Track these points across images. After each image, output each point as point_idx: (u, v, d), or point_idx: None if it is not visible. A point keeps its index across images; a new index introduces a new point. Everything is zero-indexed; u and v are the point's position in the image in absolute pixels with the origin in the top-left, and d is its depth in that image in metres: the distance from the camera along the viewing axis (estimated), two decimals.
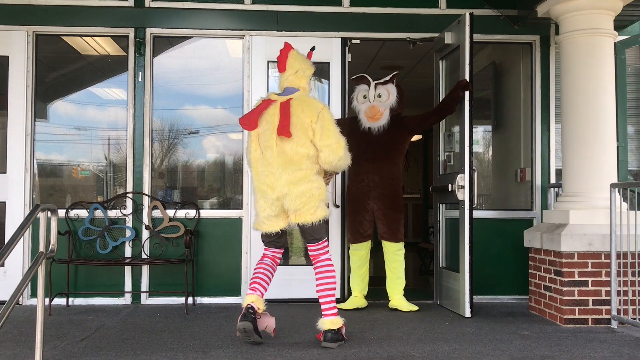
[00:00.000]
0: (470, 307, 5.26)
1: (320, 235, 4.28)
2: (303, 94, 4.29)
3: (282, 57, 4.38)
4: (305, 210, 4.12)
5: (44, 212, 3.70)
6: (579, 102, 5.19)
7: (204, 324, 4.99)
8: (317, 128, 4.11)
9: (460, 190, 5.33)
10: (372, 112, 5.59)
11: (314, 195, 4.12)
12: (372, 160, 5.61)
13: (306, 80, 4.37)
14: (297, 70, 4.34)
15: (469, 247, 5.25)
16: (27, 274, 3.56)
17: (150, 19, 6.13)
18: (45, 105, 6.30)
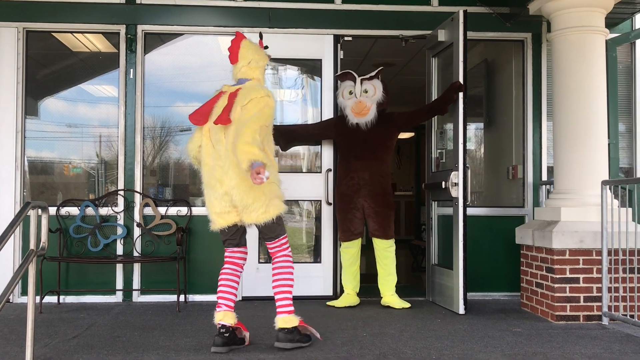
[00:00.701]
0: (464, 304, 5.27)
1: (277, 233, 4.07)
2: (254, 83, 4.07)
3: (233, 48, 4.14)
4: (256, 207, 3.89)
5: (34, 210, 3.69)
6: (571, 100, 5.21)
7: (196, 321, 4.98)
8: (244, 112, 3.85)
9: (454, 188, 5.33)
10: (358, 108, 5.59)
11: (265, 192, 3.88)
12: (361, 157, 5.62)
13: (260, 71, 4.15)
14: (249, 61, 4.11)
15: (463, 245, 5.26)
16: (17, 272, 3.54)
17: (142, 16, 6.10)
18: (36, 102, 6.26)
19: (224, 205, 3.98)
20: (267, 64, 4.23)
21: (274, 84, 6.40)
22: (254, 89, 3.95)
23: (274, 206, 3.94)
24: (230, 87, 4.10)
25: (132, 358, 3.81)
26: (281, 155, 6.34)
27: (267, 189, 3.89)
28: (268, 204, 3.90)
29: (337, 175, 5.83)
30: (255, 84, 4.07)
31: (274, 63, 6.34)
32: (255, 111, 3.85)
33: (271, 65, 6.33)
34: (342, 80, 5.79)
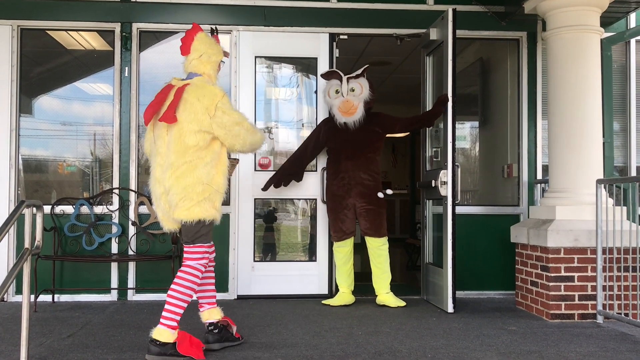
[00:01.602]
0: (453, 303, 5.27)
1: (193, 238, 3.80)
2: (202, 79, 3.91)
3: (186, 39, 3.98)
4: (182, 205, 3.72)
5: (29, 208, 3.66)
6: (566, 99, 5.22)
7: (191, 320, 4.95)
8: (220, 122, 3.74)
9: (443, 186, 5.34)
10: (346, 107, 5.58)
11: (196, 192, 3.71)
12: (352, 157, 5.62)
13: (211, 66, 3.97)
14: (201, 54, 3.94)
15: (452, 243, 5.26)
16: (12, 271, 3.52)
17: (137, 14, 6.08)
18: (30, 101, 6.24)
19: (163, 206, 3.84)
20: (221, 60, 4.07)
21: (269, 83, 6.39)
22: (208, 90, 3.80)
23: (200, 208, 3.73)
24: (179, 81, 3.95)
25: (127, 357, 3.81)
26: (276, 154, 6.33)
27: (200, 189, 3.72)
28: (195, 204, 3.72)
29: (327, 176, 5.82)
30: (205, 80, 3.92)
31: (269, 61, 6.33)
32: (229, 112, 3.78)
33: (266, 64, 6.32)
34: (328, 79, 5.77)
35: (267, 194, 6.09)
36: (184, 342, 3.73)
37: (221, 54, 4.06)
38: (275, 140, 6.38)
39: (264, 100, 6.32)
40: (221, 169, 3.85)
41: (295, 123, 6.45)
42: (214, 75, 4.01)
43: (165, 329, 3.70)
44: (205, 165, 3.76)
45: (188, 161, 3.73)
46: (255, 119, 6.15)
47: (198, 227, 3.77)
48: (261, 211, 6.28)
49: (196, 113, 3.72)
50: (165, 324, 3.71)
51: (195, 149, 3.74)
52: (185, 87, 3.82)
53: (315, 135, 5.84)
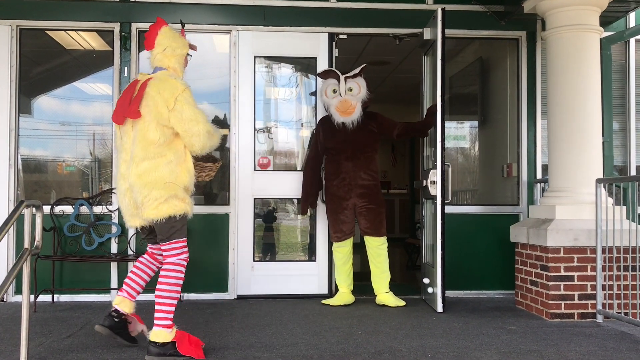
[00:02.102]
0: (443, 302, 5.27)
1: (169, 235, 3.76)
2: (167, 73, 3.86)
3: (150, 34, 3.94)
4: (148, 204, 3.68)
5: (28, 208, 3.66)
6: (565, 98, 5.22)
7: (191, 320, 4.97)
8: (177, 116, 3.68)
9: (433, 186, 5.33)
10: (344, 107, 5.57)
11: (160, 189, 3.67)
12: (351, 158, 5.62)
13: (176, 60, 3.92)
14: (165, 48, 3.90)
15: (441, 243, 5.25)
16: (11, 271, 3.52)
17: (136, 13, 6.08)
18: (29, 101, 6.23)
19: (127, 202, 3.83)
20: (187, 53, 4.02)
21: (269, 82, 6.39)
22: (169, 84, 3.76)
23: (168, 205, 3.70)
24: (144, 76, 3.93)
25: (126, 357, 3.81)
26: (275, 154, 6.33)
27: (162, 184, 3.69)
28: (162, 202, 3.69)
29: (326, 176, 5.79)
30: (169, 74, 3.87)
31: (269, 61, 6.33)
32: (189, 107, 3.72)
33: (265, 64, 6.32)
34: (325, 78, 5.76)
35: (266, 194, 6.11)
36: (183, 341, 3.73)
37: (186, 47, 4.01)
38: (274, 140, 6.38)
39: (263, 100, 6.32)
40: (186, 167, 3.81)
41: (294, 123, 6.45)
42: (179, 69, 3.97)
43: (160, 330, 3.69)
44: (169, 162, 3.73)
45: (150, 157, 3.71)
46: (254, 118, 6.14)
47: (170, 223, 3.74)
48: (261, 211, 6.28)
49: (156, 106, 3.70)
50: (160, 324, 3.70)
51: (157, 145, 3.71)
52: (148, 82, 3.81)
53: (316, 140, 5.82)
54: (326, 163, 5.82)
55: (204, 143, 3.76)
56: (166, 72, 3.89)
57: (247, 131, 6.12)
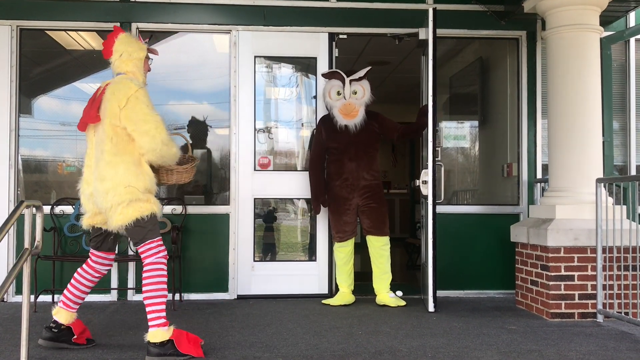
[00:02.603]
0: (434, 302, 5.26)
1: (142, 237, 3.77)
2: (125, 77, 3.89)
3: (107, 42, 3.99)
4: (113, 211, 3.71)
5: (28, 208, 3.65)
6: (566, 98, 5.22)
7: (191, 320, 4.97)
8: (128, 114, 3.71)
9: (424, 185, 5.33)
10: (347, 109, 5.56)
11: (122, 194, 3.69)
12: (355, 158, 5.61)
13: (133, 64, 3.95)
14: (121, 53, 3.94)
15: (432, 242, 5.24)
16: (11, 271, 3.51)
17: (136, 14, 6.08)
18: (29, 101, 6.23)
19: (91, 206, 3.88)
20: (147, 57, 4.05)
21: (269, 82, 6.39)
22: (123, 84, 3.80)
23: (132, 208, 3.71)
24: (105, 82, 3.97)
25: (127, 357, 3.81)
26: (275, 154, 6.33)
27: (123, 190, 3.71)
28: (125, 206, 3.70)
29: (329, 176, 5.78)
30: (127, 77, 3.90)
31: (269, 61, 6.33)
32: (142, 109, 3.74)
33: (265, 64, 6.32)
34: (329, 79, 5.73)
35: (266, 194, 6.13)
36: (181, 339, 3.74)
37: (143, 51, 4.02)
38: (274, 140, 6.38)
39: (263, 100, 6.32)
40: (144, 170, 3.81)
41: (294, 123, 6.45)
42: (138, 73, 3.99)
43: (156, 330, 3.71)
44: (127, 166, 3.74)
45: (108, 161, 3.74)
46: (254, 118, 6.14)
47: (140, 225, 3.75)
48: (261, 211, 6.28)
49: (111, 108, 3.74)
50: (154, 324, 3.71)
51: (114, 147, 3.74)
52: (107, 86, 3.87)
53: (318, 140, 5.79)
54: (328, 163, 5.81)
55: (154, 146, 3.73)
56: (124, 76, 3.93)
57: (247, 131, 6.12)
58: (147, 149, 3.74)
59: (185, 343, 3.73)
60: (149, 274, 3.76)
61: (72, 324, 4.01)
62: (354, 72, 5.67)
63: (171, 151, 3.83)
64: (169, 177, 4.07)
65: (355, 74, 5.64)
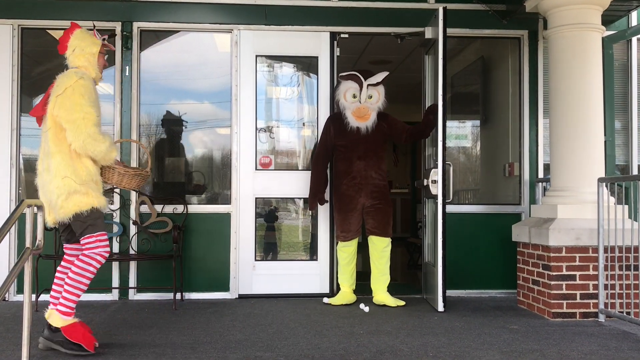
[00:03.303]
0: (444, 302, 5.26)
1: (82, 231, 3.81)
2: (75, 70, 3.93)
3: (63, 38, 4.04)
4: (55, 203, 3.77)
5: (30, 208, 3.65)
6: (567, 97, 5.21)
7: (193, 319, 4.97)
8: (61, 102, 3.76)
9: (434, 185, 5.33)
10: (361, 113, 5.56)
11: (60, 187, 3.74)
12: (364, 157, 5.61)
13: (85, 58, 3.97)
14: (74, 48, 3.99)
15: (442, 242, 5.25)
16: (13, 270, 3.51)
17: (138, 13, 6.08)
18: (31, 100, 6.23)
19: (43, 199, 3.88)
20: (97, 51, 4.03)
21: (270, 82, 6.38)
22: (66, 76, 3.86)
23: (72, 202, 3.76)
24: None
25: (128, 356, 3.81)
26: (277, 153, 6.33)
27: (62, 183, 3.76)
28: (65, 200, 3.76)
29: (336, 175, 5.76)
30: (77, 71, 3.93)
31: (270, 60, 6.33)
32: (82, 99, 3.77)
33: (267, 63, 6.32)
34: (345, 80, 5.66)
35: (267, 194, 6.13)
36: (75, 330, 3.80)
37: (96, 46, 4.03)
38: (276, 140, 6.37)
39: (264, 99, 6.32)
40: (83, 162, 3.82)
41: (296, 122, 6.45)
42: (91, 67, 4.01)
43: (57, 314, 3.80)
44: (63, 156, 3.79)
45: (49, 152, 3.81)
46: (256, 118, 6.14)
47: (80, 220, 3.79)
48: (262, 210, 6.28)
49: (52, 98, 3.82)
50: (59, 308, 3.80)
51: (54, 137, 3.80)
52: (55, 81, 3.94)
53: (325, 137, 5.74)
54: (336, 161, 5.78)
55: (77, 135, 3.73)
56: (76, 70, 3.97)
57: (248, 130, 6.12)
58: (71, 139, 3.76)
59: (78, 334, 3.80)
60: (79, 264, 3.81)
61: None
62: (372, 75, 5.62)
63: (99, 147, 3.81)
64: (111, 177, 4.05)
65: (373, 77, 5.58)
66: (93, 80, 3.99)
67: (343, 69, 5.81)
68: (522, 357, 3.81)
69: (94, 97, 3.86)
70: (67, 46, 4.03)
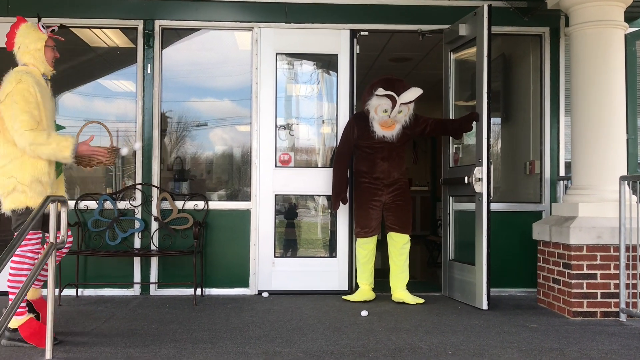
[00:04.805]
0: (488, 300, 5.27)
1: (15, 227, 3.95)
2: (22, 68, 3.99)
3: (10, 35, 4.07)
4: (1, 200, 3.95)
5: (54, 204, 3.72)
6: (589, 95, 5.17)
7: (213, 314, 5.02)
8: (5, 110, 3.86)
9: (478, 183, 5.33)
10: (387, 123, 5.55)
11: (5, 185, 3.89)
12: (388, 159, 5.63)
13: (31, 55, 4.02)
14: (19, 46, 4.03)
15: (487, 240, 5.26)
16: (38, 265, 3.59)
17: (159, 11, 6.14)
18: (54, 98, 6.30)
19: None
20: (42, 46, 4.05)
21: (290, 79, 6.41)
22: (8, 80, 3.90)
23: (10, 199, 3.91)
24: None
25: (149, 350, 3.85)
26: (296, 151, 6.35)
27: (6, 181, 3.89)
28: (6, 196, 3.92)
29: (358, 173, 5.77)
30: (24, 69, 3.98)
31: (290, 58, 6.35)
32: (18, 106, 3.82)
33: (287, 61, 6.34)
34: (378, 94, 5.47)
35: (287, 191, 6.16)
36: (29, 329, 3.92)
37: (40, 41, 4.05)
38: (295, 137, 6.40)
39: (284, 96, 6.34)
40: (31, 163, 3.91)
41: (315, 119, 6.47)
42: (39, 64, 4.05)
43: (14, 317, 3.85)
44: (12, 159, 3.90)
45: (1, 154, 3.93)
46: (276, 115, 6.17)
47: (15, 216, 3.94)
48: (282, 207, 6.31)
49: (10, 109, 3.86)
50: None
51: (2, 138, 3.91)
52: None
53: (348, 136, 5.72)
54: (358, 160, 5.80)
55: (23, 144, 3.83)
56: (21, 67, 4.02)
57: (268, 128, 6.16)
58: (20, 147, 3.87)
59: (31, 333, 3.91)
60: (13, 265, 3.93)
61: (35, 300, 4.19)
62: (404, 86, 5.54)
63: (45, 149, 3.87)
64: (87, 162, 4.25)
65: (407, 95, 5.47)
66: (43, 74, 4.06)
67: (363, 66, 5.81)
68: (542, 355, 3.80)
69: (32, 99, 3.87)
70: (14, 43, 4.07)
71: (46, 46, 4.08)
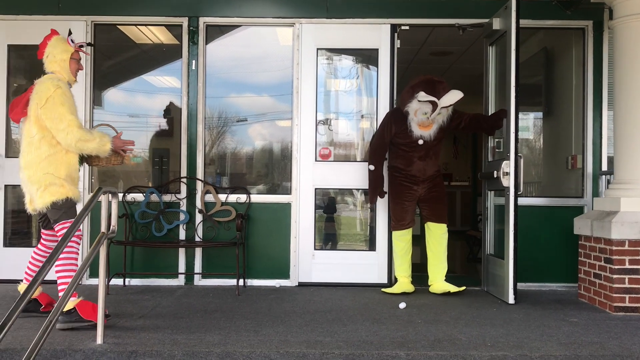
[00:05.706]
0: (514, 294, 5.26)
1: (55, 218, 4.24)
2: (50, 76, 4.31)
3: (41, 44, 4.43)
4: (37, 195, 4.19)
5: (105, 195, 3.89)
6: (632, 89, 5.11)
7: (255, 304, 5.13)
8: (46, 113, 4.14)
9: (505, 177, 5.32)
10: (425, 124, 5.59)
11: (41, 181, 4.16)
12: (424, 158, 5.70)
13: (58, 64, 4.36)
14: (48, 55, 4.37)
15: (514, 234, 5.24)
16: (90, 253, 3.74)
17: (204, 8, 6.27)
18: (100, 93, 6.51)
19: (25, 191, 4.32)
20: (68, 58, 4.37)
21: (330, 74, 6.47)
22: (44, 86, 4.20)
23: (49, 193, 4.16)
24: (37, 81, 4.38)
25: (195, 337, 3.98)
26: (335, 145, 6.42)
27: (43, 177, 4.17)
28: (43, 191, 4.16)
29: (393, 168, 5.85)
30: (52, 77, 4.29)
31: (330, 53, 6.42)
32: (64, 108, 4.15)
33: (327, 56, 6.41)
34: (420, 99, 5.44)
35: (326, 184, 6.26)
36: (86, 308, 4.18)
37: (66, 52, 4.38)
38: (335, 132, 6.47)
39: (324, 91, 6.41)
40: (64, 160, 4.23)
41: (354, 114, 6.52)
42: (64, 73, 4.38)
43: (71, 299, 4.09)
44: (47, 156, 4.19)
45: (32, 151, 4.21)
46: (316, 110, 6.25)
47: (56, 207, 4.19)
48: (321, 201, 6.39)
49: (34, 106, 4.19)
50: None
51: (37, 140, 4.19)
52: (34, 86, 4.31)
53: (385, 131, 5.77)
54: (394, 156, 5.86)
55: (69, 142, 4.15)
56: (51, 75, 4.34)
57: (309, 123, 6.24)
58: (64, 145, 4.19)
59: (89, 310, 4.16)
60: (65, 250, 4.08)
61: (38, 297, 4.51)
62: (444, 88, 5.54)
63: (90, 145, 4.21)
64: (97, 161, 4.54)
65: (447, 99, 5.46)
66: (67, 83, 4.37)
67: (403, 60, 5.83)
68: (582, 349, 3.80)
69: (71, 101, 4.25)
70: (44, 52, 4.41)
71: (71, 59, 4.41)
